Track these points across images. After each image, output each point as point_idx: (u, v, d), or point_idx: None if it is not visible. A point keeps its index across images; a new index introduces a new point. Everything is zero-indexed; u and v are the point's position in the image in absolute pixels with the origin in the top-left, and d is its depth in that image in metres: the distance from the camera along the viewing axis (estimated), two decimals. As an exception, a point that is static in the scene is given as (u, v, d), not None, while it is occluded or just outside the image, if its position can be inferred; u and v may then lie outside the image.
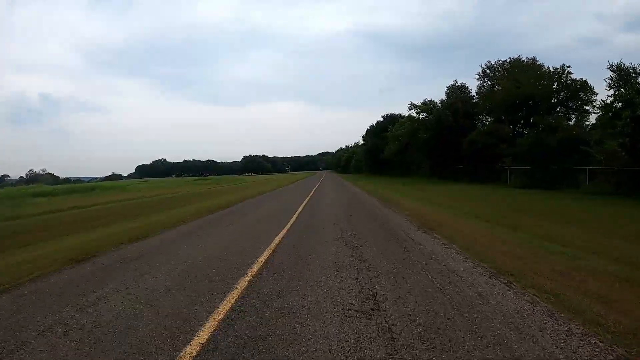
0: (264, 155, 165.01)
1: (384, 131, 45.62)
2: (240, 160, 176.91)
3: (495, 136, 21.53)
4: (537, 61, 28.53)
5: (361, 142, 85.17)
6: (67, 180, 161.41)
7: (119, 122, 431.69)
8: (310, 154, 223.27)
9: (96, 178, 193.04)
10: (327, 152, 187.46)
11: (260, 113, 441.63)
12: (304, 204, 13.13)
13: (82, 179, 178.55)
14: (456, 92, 27.35)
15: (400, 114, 49.92)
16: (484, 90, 29.92)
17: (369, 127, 52.44)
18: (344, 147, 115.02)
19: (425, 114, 28.04)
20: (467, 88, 27.85)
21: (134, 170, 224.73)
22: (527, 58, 29.51)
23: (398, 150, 35.32)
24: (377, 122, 50.11)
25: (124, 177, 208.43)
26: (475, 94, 29.42)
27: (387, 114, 50.13)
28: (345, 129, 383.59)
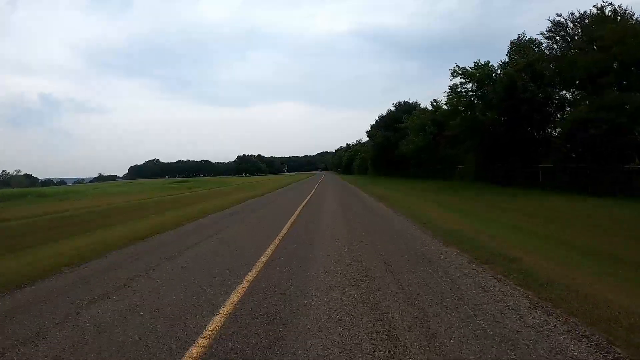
0: (259, 155, 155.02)
1: (397, 122, 36.08)
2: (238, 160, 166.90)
3: (626, 113, 11.89)
4: (627, 10, 18.91)
5: (364, 139, 75.39)
6: (49, 182, 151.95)
7: (117, 123, 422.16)
8: (309, 154, 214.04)
9: (83, 179, 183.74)
10: (327, 152, 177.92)
11: (259, 113, 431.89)
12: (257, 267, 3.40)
13: (66, 180, 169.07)
14: (525, 49, 17.69)
15: (415, 102, 40.54)
16: (557, 52, 20.21)
17: (377, 118, 42.73)
18: (344, 145, 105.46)
19: (474, 83, 18.36)
20: (540, 44, 18.17)
21: (127, 171, 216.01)
22: (610, 10, 19.91)
23: (426, 143, 25.70)
24: (389, 112, 40.43)
25: (119, 177, 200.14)
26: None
27: (400, 102, 40.54)
28: (345, 129, 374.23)
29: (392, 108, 40.48)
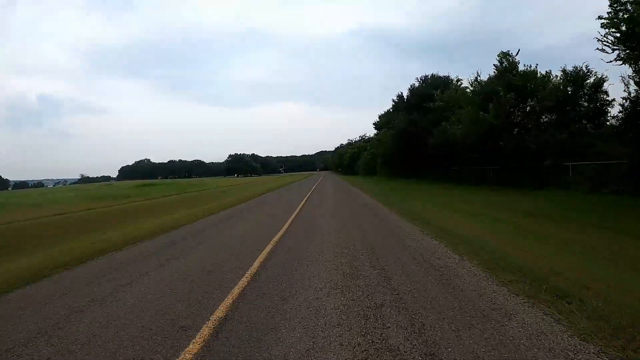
0: (252, 154, 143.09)
1: (427, 100, 24.62)
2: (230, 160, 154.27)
3: None
4: None
5: (369, 134, 62.99)
6: (23, 184, 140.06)
7: (113, 123, 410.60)
8: (307, 153, 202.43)
9: (66, 180, 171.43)
10: (326, 151, 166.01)
11: (257, 113, 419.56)
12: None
13: (46, 182, 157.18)
14: None
15: (447, 76, 28.98)
16: None
17: (394, 99, 31.00)
18: (345, 142, 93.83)
19: None
20: None
21: (117, 172, 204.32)
22: None
23: (501, 122, 14.15)
24: (412, 89, 28.74)
25: (112, 178, 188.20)
26: None
27: (426, 76, 28.92)
28: (345, 128, 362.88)
29: (416, 83, 28.85)
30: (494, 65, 17.41)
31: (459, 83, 25.63)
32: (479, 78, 19.95)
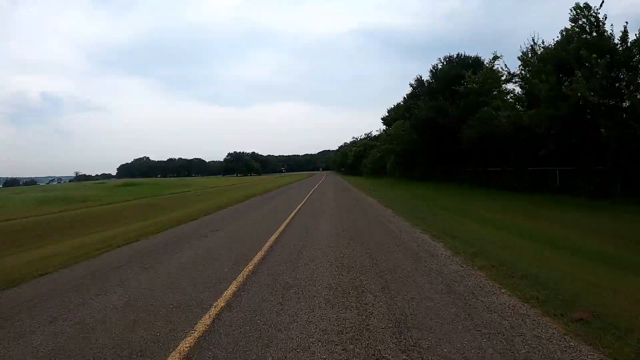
0: (253, 153, 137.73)
1: (456, 82, 19.44)
2: (229, 158, 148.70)
3: None
4: None
5: (376, 130, 57.55)
6: (14, 181, 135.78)
7: (113, 122, 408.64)
8: (310, 152, 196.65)
9: (61, 178, 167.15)
10: (329, 150, 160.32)
11: (259, 113, 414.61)
12: None
13: (39, 179, 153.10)
14: None
15: (477, 56, 23.72)
16: None
17: (412, 83, 25.64)
18: (349, 141, 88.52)
19: None
20: None
21: (116, 170, 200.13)
22: None
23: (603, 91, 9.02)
24: (434, 71, 23.46)
25: (112, 176, 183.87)
26: None
27: (451, 56, 23.63)
28: (347, 128, 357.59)
29: (439, 64, 23.56)
30: (569, 20, 12.22)
31: (494, 63, 20.44)
32: (535, 47, 14.79)
